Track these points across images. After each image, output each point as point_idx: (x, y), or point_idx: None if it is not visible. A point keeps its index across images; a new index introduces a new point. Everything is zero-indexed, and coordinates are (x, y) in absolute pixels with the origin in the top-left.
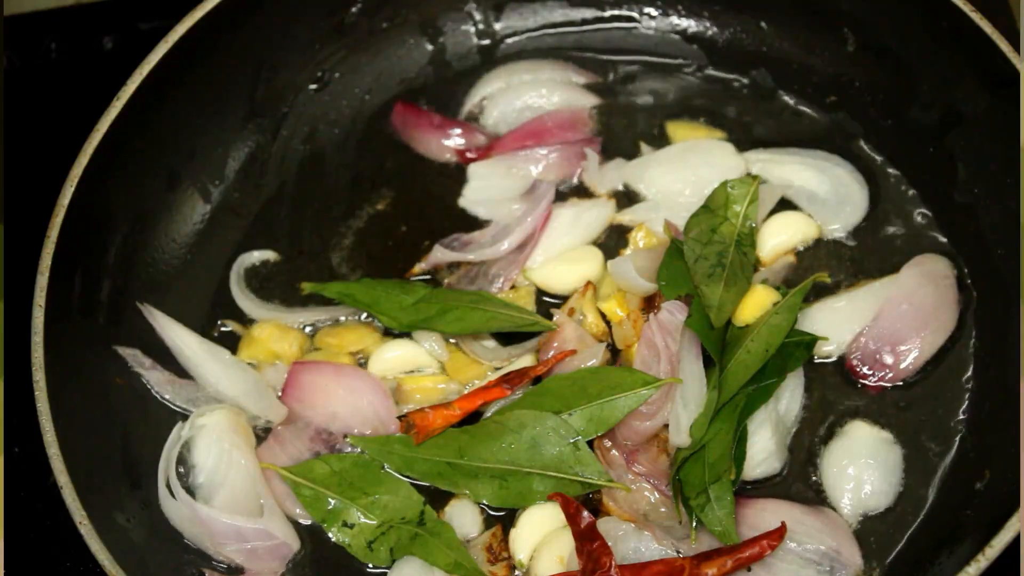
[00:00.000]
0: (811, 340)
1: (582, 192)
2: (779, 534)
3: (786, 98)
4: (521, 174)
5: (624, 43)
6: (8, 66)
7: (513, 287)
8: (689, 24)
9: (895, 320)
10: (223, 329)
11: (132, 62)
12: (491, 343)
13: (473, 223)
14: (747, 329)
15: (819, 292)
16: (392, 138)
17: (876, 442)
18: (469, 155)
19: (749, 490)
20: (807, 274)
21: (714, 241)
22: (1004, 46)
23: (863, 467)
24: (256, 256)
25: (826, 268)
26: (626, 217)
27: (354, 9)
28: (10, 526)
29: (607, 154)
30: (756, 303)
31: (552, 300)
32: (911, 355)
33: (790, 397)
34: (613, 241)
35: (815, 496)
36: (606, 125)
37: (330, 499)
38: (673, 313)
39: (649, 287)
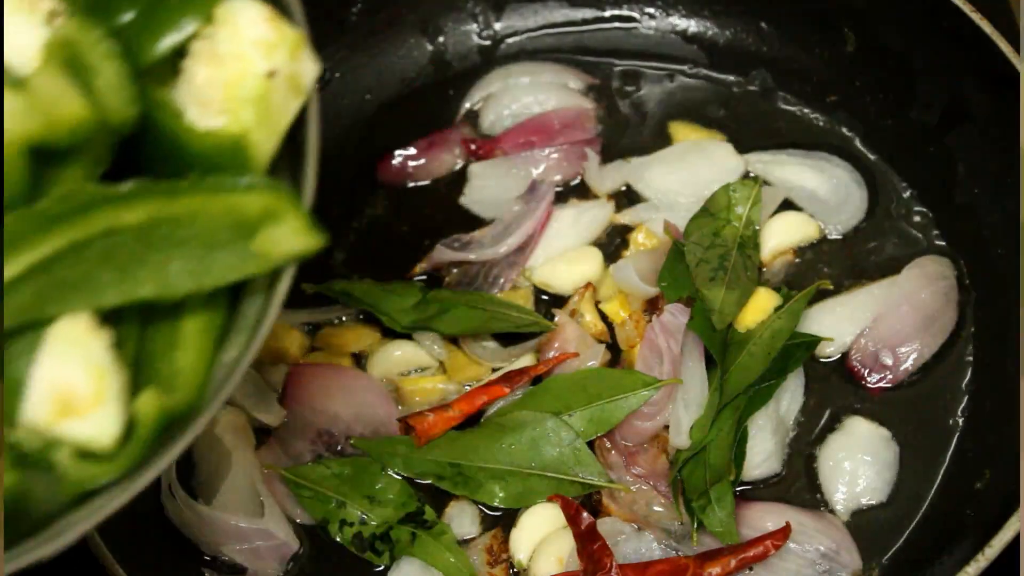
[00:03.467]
0: (812, 341)
1: (582, 192)
2: (784, 534)
3: (786, 98)
4: (521, 174)
5: (624, 43)
6: None
7: (513, 287)
8: (689, 24)
9: (895, 321)
10: None
11: None
12: (491, 343)
13: (473, 223)
14: (750, 332)
15: (819, 293)
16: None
17: (874, 438)
18: (469, 155)
19: (748, 491)
20: (807, 274)
21: (716, 244)
22: (1004, 46)
23: (859, 462)
24: None
25: (826, 268)
26: (626, 217)
27: (354, 9)
28: None
29: (607, 154)
30: (758, 306)
31: (552, 300)
32: (911, 356)
33: (791, 398)
34: (613, 241)
35: (814, 496)
36: (606, 125)
37: (330, 499)
38: (676, 315)
39: (651, 291)
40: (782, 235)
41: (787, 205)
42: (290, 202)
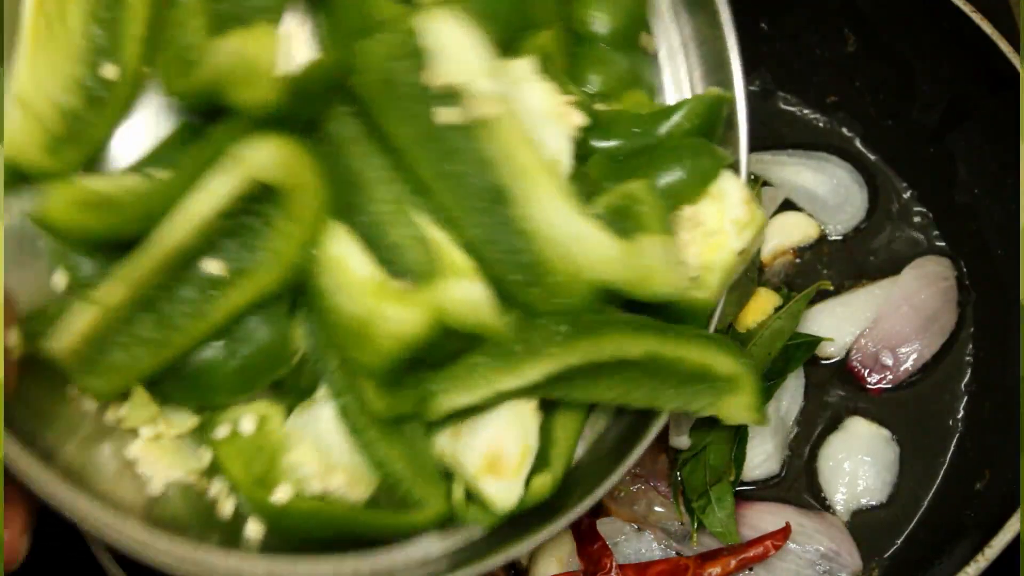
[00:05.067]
0: (812, 341)
1: None
2: (784, 534)
3: (786, 98)
4: None
5: None
6: None
7: None
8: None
9: (895, 322)
10: None
11: None
12: None
13: None
14: (750, 332)
15: (819, 294)
16: None
17: (874, 439)
18: None
19: (748, 491)
20: (807, 274)
21: None
22: (1004, 46)
23: (859, 463)
24: None
25: (826, 268)
26: None
27: None
28: None
29: None
30: (758, 307)
31: None
32: (911, 357)
33: (791, 399)
34: None
35: (813, 497)
36: None
37: None
38: None
39: None
40: (782, 235)
41: (787, 205)
42: (753, 379)
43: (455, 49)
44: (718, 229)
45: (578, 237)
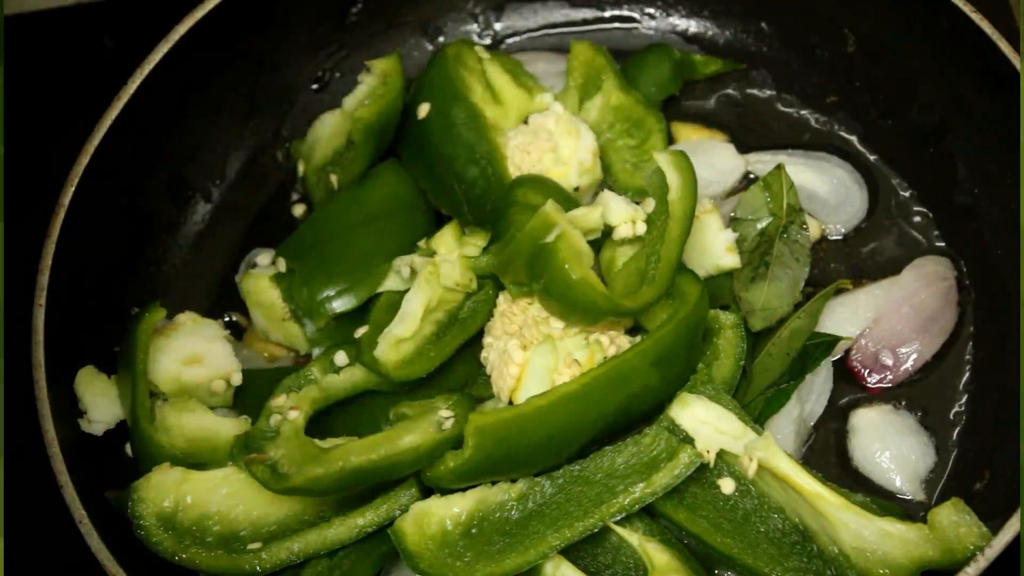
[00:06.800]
0: (832, 341)
1: None
2: None
3: (786, 98)
4: None
5: (624, 43)
6: (8, 66)
7: None
8: (689, 24)
9: (895, 322)
10: (227, 320)
11: (132, 62)
12: None
13: None
14: (768, 332)
15: None
16: None
17: (891, 420)
18: None
19: None
20: (809, 274)
21: (760, 245)
22: (1004, 46)
23: (892, 444)
24: (269, 255)
25: (827, 268)
26: None
27: (354, 9)
28: (10, 526)
29: None
30: None
31: None
32: (911, 357)
33: (816, 400)
34: None
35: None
36: None
37: None
38: None
39: None
40: None
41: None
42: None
43: (710, 423)
44: (565, 160)
45: (883, 536)
